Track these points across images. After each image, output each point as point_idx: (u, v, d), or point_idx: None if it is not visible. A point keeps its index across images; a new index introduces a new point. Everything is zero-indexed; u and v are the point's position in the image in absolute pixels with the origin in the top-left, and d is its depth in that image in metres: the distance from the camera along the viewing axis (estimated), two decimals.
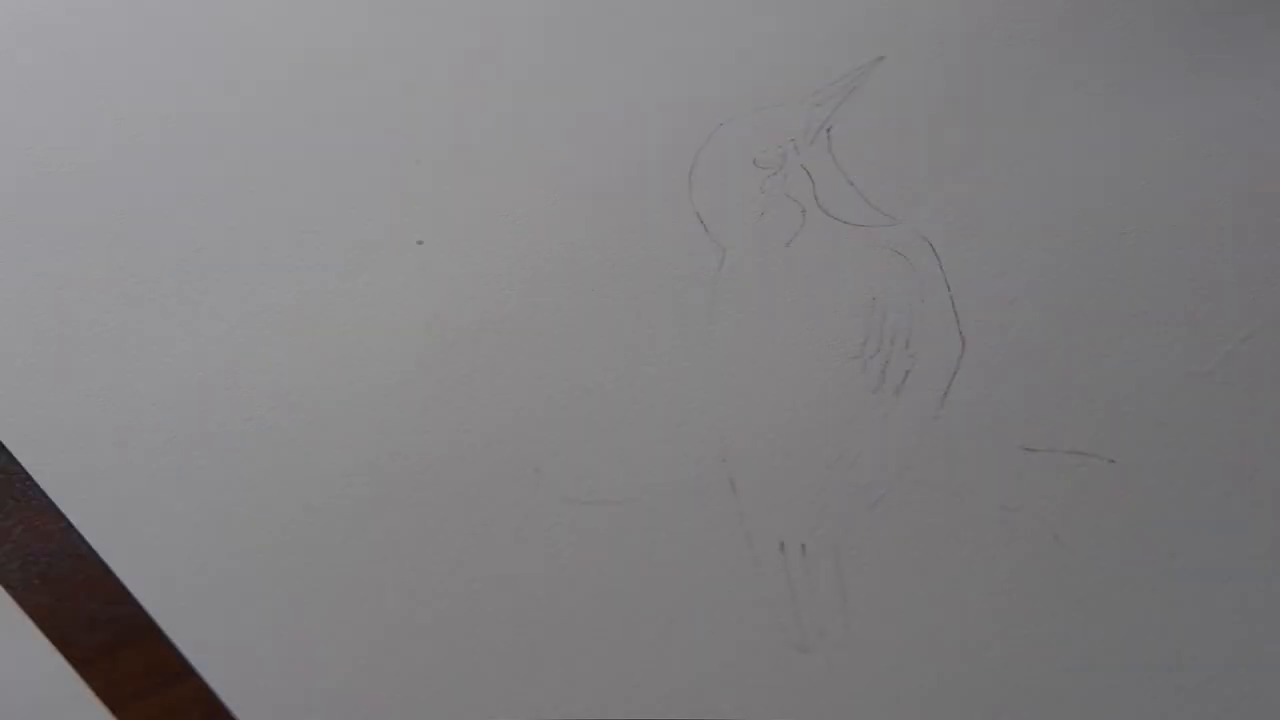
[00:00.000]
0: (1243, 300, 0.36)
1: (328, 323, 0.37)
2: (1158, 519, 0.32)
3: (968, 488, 0.33)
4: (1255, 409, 0.34)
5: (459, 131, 0.42)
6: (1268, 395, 0.34)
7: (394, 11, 0.47)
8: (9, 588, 0.31)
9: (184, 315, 0.37)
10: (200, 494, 0.33)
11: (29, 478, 0.33)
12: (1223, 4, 0.40)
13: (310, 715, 0.29)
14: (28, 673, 0.30)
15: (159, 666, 0.30)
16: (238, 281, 0.38)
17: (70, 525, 0.32)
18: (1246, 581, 0.31)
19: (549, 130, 0.42)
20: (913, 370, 0.35)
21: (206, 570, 0.31)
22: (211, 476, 0.33)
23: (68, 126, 0.43)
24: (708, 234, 0.39)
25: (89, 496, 0.33)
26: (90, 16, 0.47)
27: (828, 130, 0.41)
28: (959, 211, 0.39)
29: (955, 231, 0.38)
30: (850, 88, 0.41)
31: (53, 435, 0.34)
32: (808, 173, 0.40)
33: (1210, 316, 0.36)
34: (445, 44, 0.46)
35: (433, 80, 0.44)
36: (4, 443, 0.34)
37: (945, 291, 0.37)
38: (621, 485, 0.33)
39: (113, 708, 0.29)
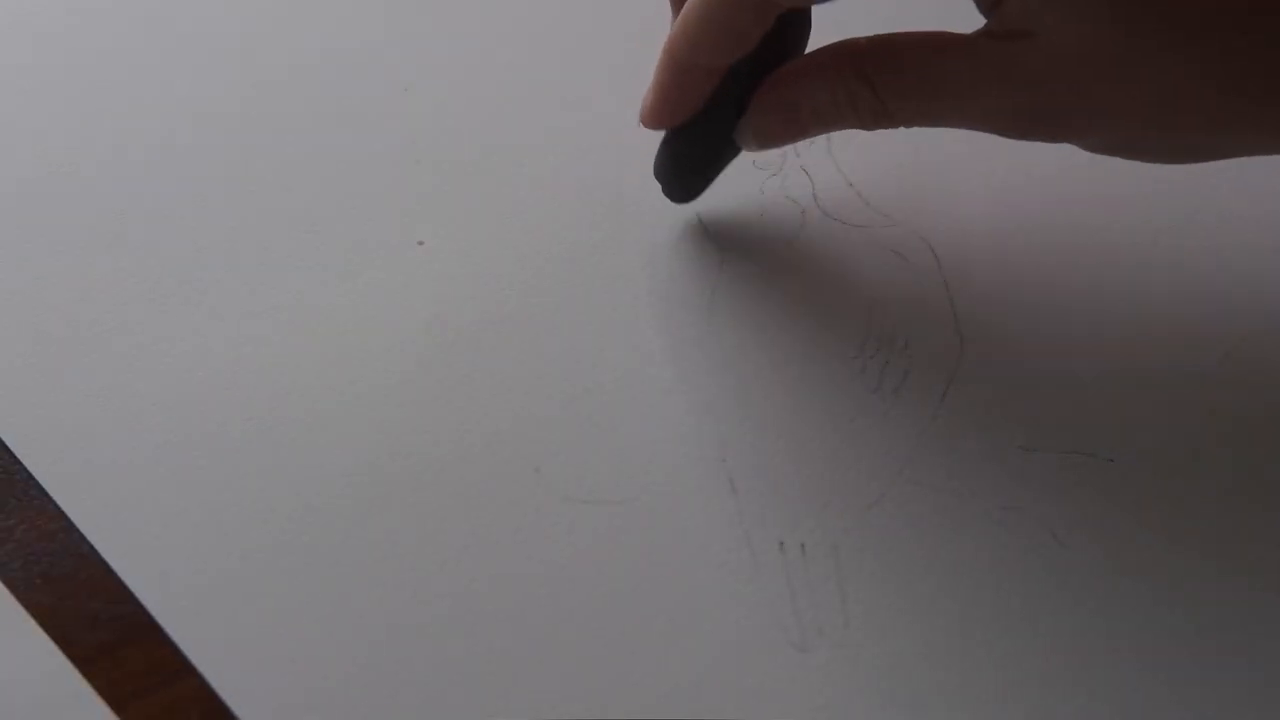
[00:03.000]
0: (1243, 300, 0.37)
1: (328, 323, 0.37)
2: (1157, 519, 0.32)
3: (967, 488, 0.33)
4: (1255, 409, 0.34)
5: (459, 131, 0.42)
6: (1268, 395, 0.35)
7: (394, 12, 0.47)
8: (10, 587, 0.31)
9: (184, 315, 0.37)
10: (200, 494, 0.33)
11: (30, 477, 0.33)
12: None
13: (310, 714, 0.29)
14: (29, 671, 0.30)
15: (160, 665, 0.30)
16: (238, 281, 0.38)
17: (71, 524, 0.32)
18: (1246, 581, 0.31)
19: (549, 130, 0.42)
20: (912, 370, 0.35)
21: (207, 570, 0.31)
22: (211, 476, 0.33)
23: (68, 126, 0.43)
24: (707, 234, 0.39)
25: (90, 496, 0.33)
26: (90, 17, 0.47)
27: None
28: (958, 212, 0.39)
29: (955, 231, 0.39)
30: None
31: (53, 435, 0.34)
32: (807, 173, 0.40)
33: (1210, 316, 0.36)
34: (446, 44, 0.46)
35: (433, 80, 0.44)
36: (5, 442, 0.34)
37: (944, 291, 0.37)
38: (621, 485, 0.33)
39: (114, 706, 0.29)
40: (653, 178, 0.37)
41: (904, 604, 0.31)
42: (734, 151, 0.36)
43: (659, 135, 0.36)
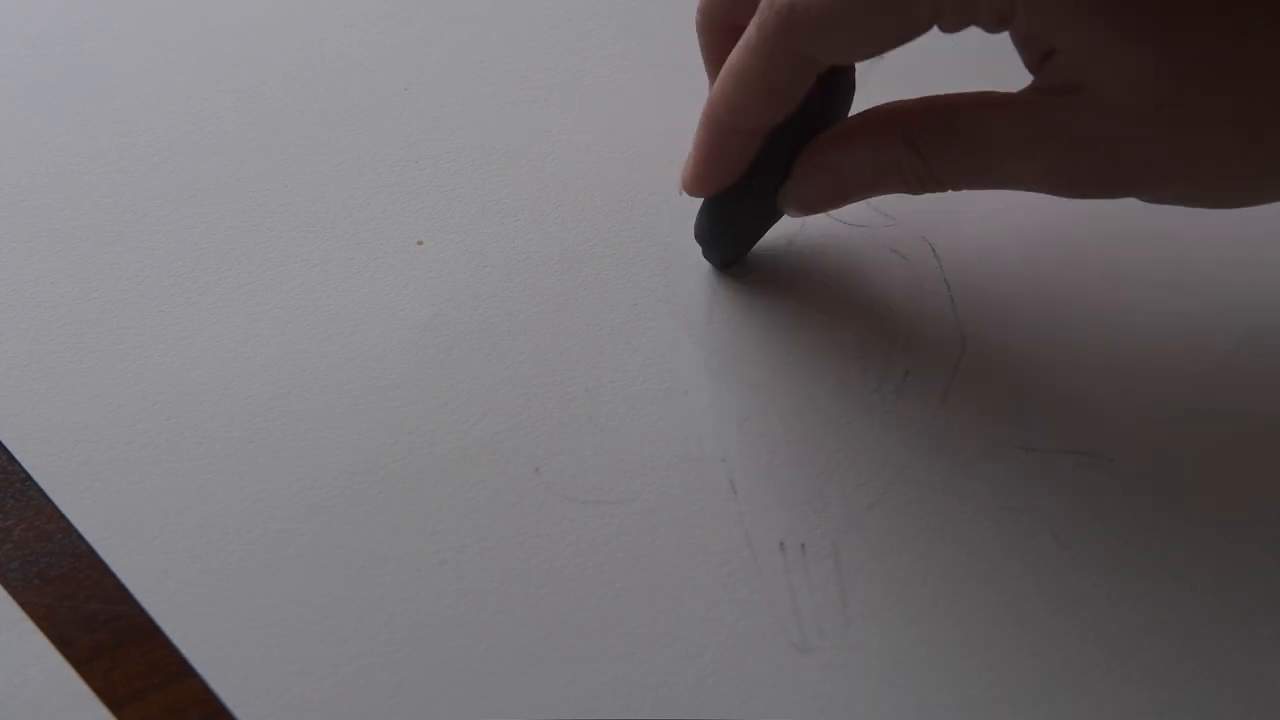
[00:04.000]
0: (1244, 300, 0.37)
1: (327, 322, 0.37)
2: (1157, 519, 0.32)
3: (967, 488, 0.33)
4: (1256, 409, 0.34)
5: (459, 131, 0.42)
6: (1268, 395, 0.34)
7: (394, 12, 0.47)
8: (9, 587, 0.31)
9: (184, 315, 0.37)
10: (200, 494, 0.33)
11: (28, 477, 0.33)
12: None
13: (310, 715, 0.29)
14: (28, 672, 0.30)
15: (159, 666, 0.30)
16: (238, 281, 0.38)
17: (70, 524, 0.32)
18: (1246, 582, 0.31)
19: (549, 130, 0.42)
20: (912, 370, 0.35)
21: (206, 570, 0.31)
22: (211, 476, 0.33)
23: (68, 126, 0.43)
24: None
25: (89, 496, 0.33)
26: (90, 18, 0.47)
27: None
28: (959, 212, 0.39)
29: (955, 231, 0.39)
30: None
31: (53, 435, 0.34)
32: None
33: (1211, 316, 0.36)
34: (446, 44, 0.46)
35: (433, 80, 0.44)
36: (3, 442, 0.34)
37: (945, 291, 0.37)
38: (621, 485, 0.33)
39: (112, 707, 0.29)
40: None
41: (904, 604, 0.31)
42: (777, 216, 0.36)
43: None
